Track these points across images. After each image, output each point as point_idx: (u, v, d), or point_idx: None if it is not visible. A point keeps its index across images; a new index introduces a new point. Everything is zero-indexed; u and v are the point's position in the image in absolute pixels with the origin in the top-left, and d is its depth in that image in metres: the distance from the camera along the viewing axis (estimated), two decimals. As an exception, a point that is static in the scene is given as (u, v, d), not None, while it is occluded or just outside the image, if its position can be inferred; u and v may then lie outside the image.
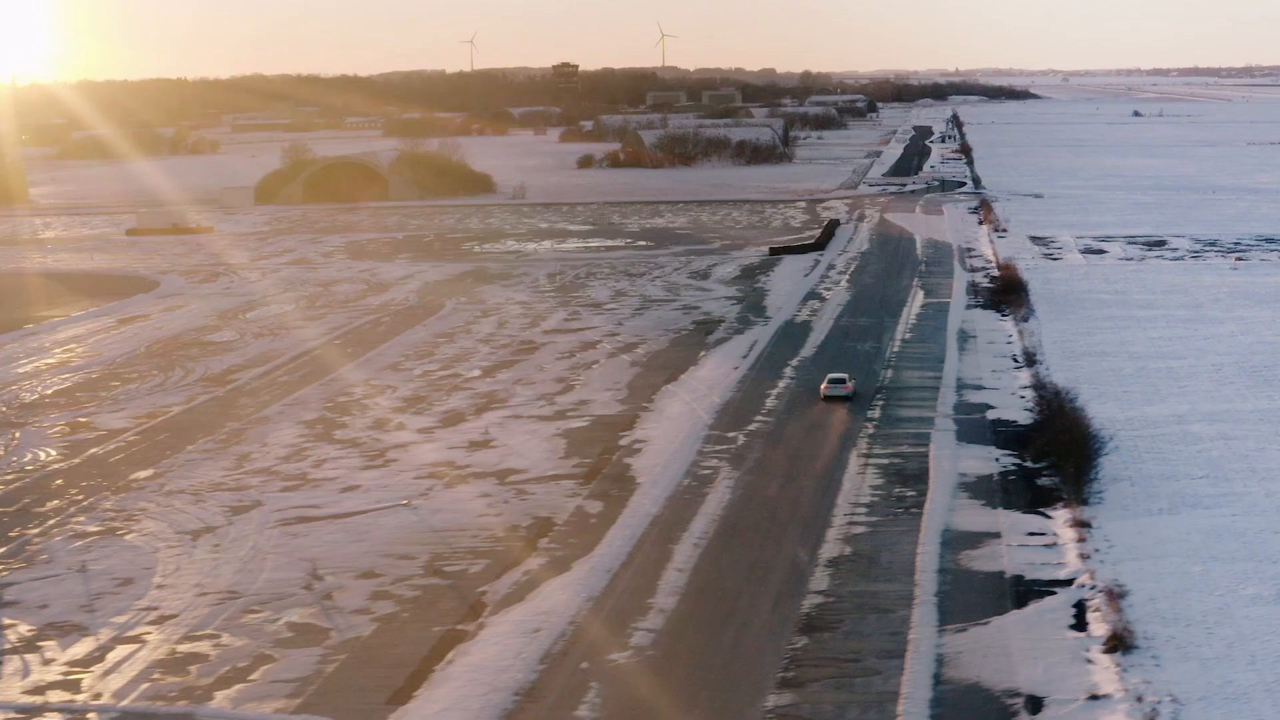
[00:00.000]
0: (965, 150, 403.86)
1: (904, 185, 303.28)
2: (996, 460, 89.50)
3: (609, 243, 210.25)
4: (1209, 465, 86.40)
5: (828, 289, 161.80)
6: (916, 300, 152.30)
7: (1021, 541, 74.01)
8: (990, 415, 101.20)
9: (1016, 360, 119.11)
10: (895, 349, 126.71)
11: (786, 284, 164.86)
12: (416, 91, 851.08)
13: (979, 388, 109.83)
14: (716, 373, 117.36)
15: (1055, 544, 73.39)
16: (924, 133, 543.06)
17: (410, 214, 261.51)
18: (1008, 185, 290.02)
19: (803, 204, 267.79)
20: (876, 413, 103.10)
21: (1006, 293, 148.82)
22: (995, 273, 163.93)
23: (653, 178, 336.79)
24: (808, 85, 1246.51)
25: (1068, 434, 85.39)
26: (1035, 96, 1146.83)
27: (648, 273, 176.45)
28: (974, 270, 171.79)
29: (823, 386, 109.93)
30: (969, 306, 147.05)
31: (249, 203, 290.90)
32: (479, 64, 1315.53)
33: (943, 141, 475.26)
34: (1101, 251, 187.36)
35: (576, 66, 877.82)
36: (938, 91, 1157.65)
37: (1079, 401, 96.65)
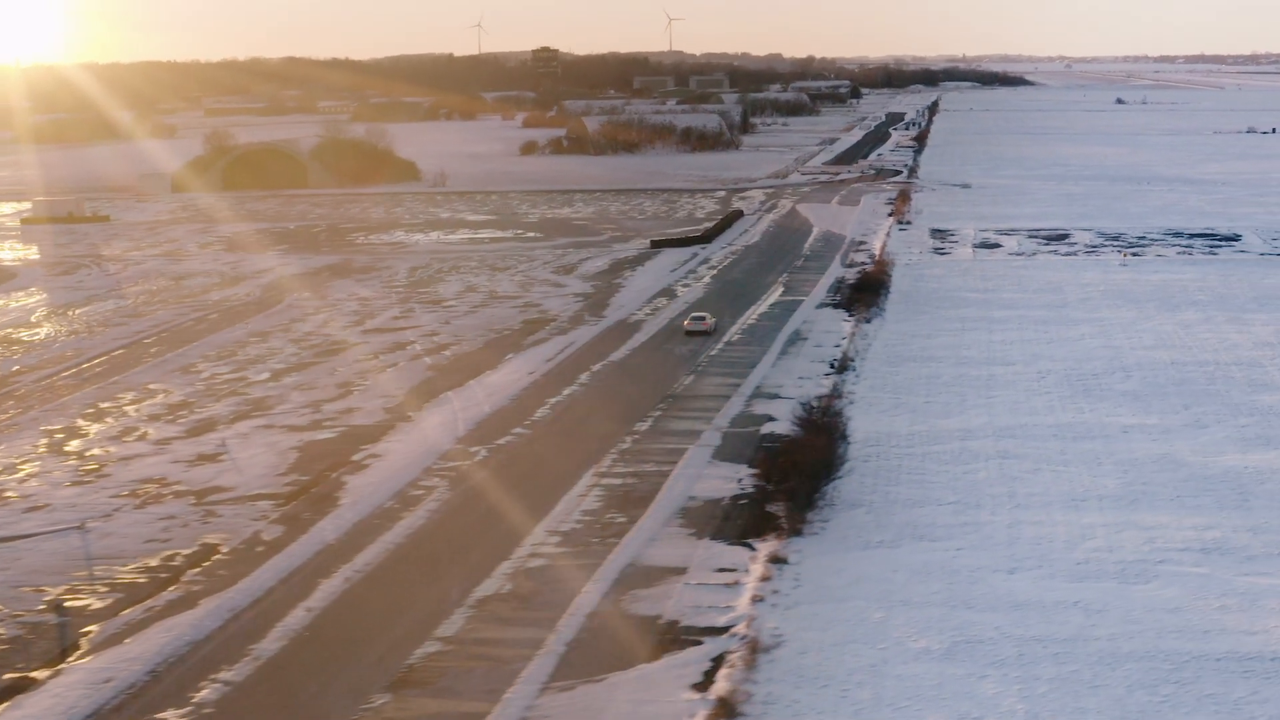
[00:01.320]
0: (921, 138, 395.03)
1: (838, 174, 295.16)
2: (739, 481, 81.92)
3: (498, 234, 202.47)
4: (966, 489, 78.73)
5: (686, 285, 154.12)
6: (770, 298, 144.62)
7: (703, 580, 66.39)
8: (765, 429, 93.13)
9: (833, 366, 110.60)
10: (714, 352, 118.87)
11: (646, 280, 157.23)
12: (407, 75, 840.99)
13: (774, 396, 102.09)
14: (509, 378, 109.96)
15: (736, 583, 65.45)
16: (894, 119, 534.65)
17: (318, 202, 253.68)
18: (944, 175, 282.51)
19: (723, 193, 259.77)
20: (647, 425, 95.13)
21: (865, 291, 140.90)
22: (868, 269, 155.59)
23: (589, 165, 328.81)
24: (803, 70, 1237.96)
25: (804, 454, 77.16)
26: (1028, 83, 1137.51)
27: (513, 267, 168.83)
28: (851, 265, 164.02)
29: (685, 323, 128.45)
30: (820, 305, 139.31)
31: (165, 190, 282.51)
32: (488, 48, 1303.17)
33: (906, 129, 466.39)
34: (997, 246, 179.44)
35: (556, 51, 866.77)
36: (929, 78, 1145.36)
37: (852, 412, 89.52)
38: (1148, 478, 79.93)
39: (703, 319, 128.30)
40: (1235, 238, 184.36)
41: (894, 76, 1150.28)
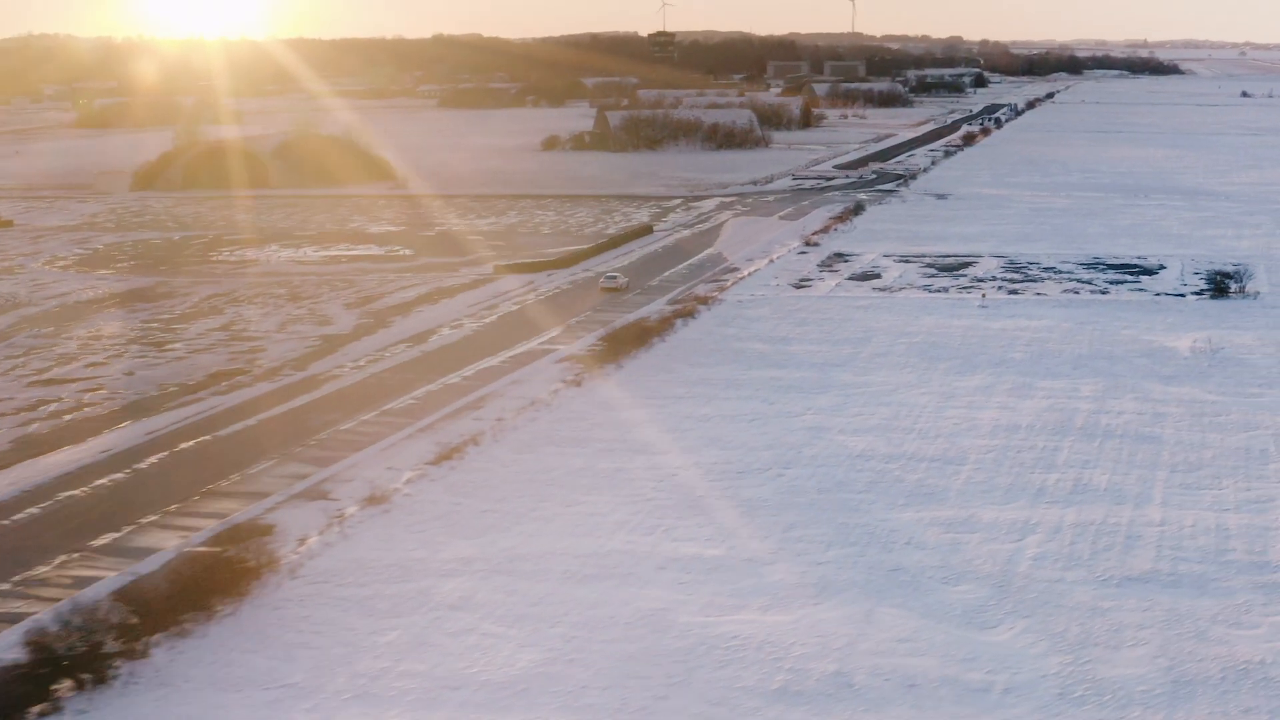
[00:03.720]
0: (969, 137, 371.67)
1: (832, 180, 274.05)
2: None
3: (373, 251, 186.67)
4: (366, 654, 59.44)
5: (457, 327, 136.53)
6: (522, 347, 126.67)
7: None
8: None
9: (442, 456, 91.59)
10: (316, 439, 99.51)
11: (426, 319, 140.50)
12: (551, 55, 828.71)
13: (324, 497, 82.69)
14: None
15: None
16: (991, 111, 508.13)
17: (251, 206, 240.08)
18: (945, 183, 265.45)
19: (679, 200, 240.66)
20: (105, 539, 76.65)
21: (627, 342, 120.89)
22: (679, 309, 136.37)
23: (591, 164, 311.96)
24: (951, 55, 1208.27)
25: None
26: (1177, 72, 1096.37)
27: (316, 296, 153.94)
28: (675, 303, 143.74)
29: (601, 281, 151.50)
30: (561, 360, 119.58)
31: (123, 189, 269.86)
32: (673, 27, 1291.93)
33: (981, 123, 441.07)
34: (876, 276, 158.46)
35: (673, 35, 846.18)
36: (1074, 65, 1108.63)
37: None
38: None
39: (615, 279, 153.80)
40: (1157, 270, 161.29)
41: (1037, 64, 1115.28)
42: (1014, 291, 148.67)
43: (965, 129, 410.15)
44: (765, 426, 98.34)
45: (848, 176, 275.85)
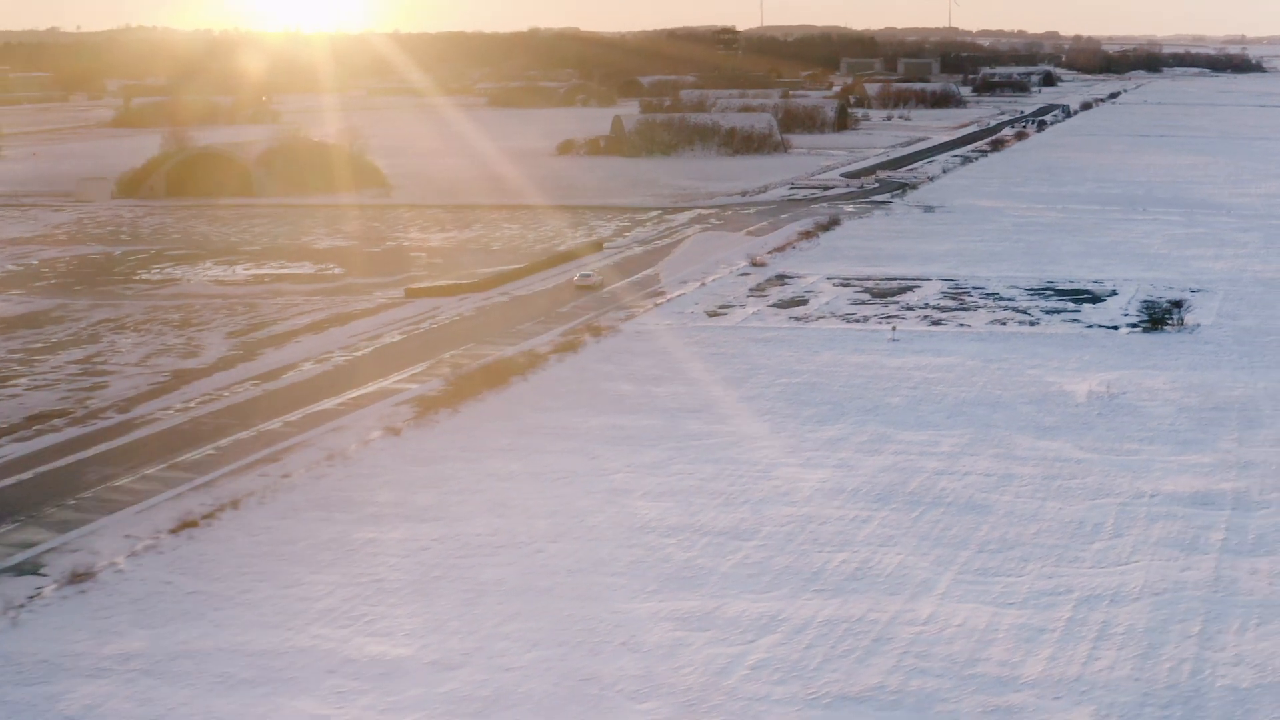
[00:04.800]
0: (998, 143, 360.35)
1: (830, 189, 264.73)
2: None
3: (304, 271, 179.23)
4: None
5: (319, 361, 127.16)
6: (362, 390, 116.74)
7: None
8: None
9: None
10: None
11: (284, 355, 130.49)
12: (640, 48, 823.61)
13: None
14: None
15: None
16: (1040, 114, 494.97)
17: (225, 217, 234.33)
18: (948, 193, 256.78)
19: (657, 211, 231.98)
20: None
21: (487, 382, 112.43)
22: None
23: (595, 170, 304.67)
24: (1032, 53, 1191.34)
25: None
26: (1260, 70, 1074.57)
27: (201, 325, 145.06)
28: (570, 334, 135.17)
29: (575, 278, 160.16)
30: (401, 403, 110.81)
31: (105, 196, 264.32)
32: (770, 21, 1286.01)
33: (1023, 127, 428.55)
34: (804, 303, 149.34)
35: (737, 32, 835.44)
36: (1152, 63, 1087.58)
37: None
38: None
39: (589, 275, 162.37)
40: (1105, 297, 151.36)
41: (1115, 62, 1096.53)
42: (937, 322, 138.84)
43: (1003, 133, 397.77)
44: (565, 489, 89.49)
45: (848, 186, 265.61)
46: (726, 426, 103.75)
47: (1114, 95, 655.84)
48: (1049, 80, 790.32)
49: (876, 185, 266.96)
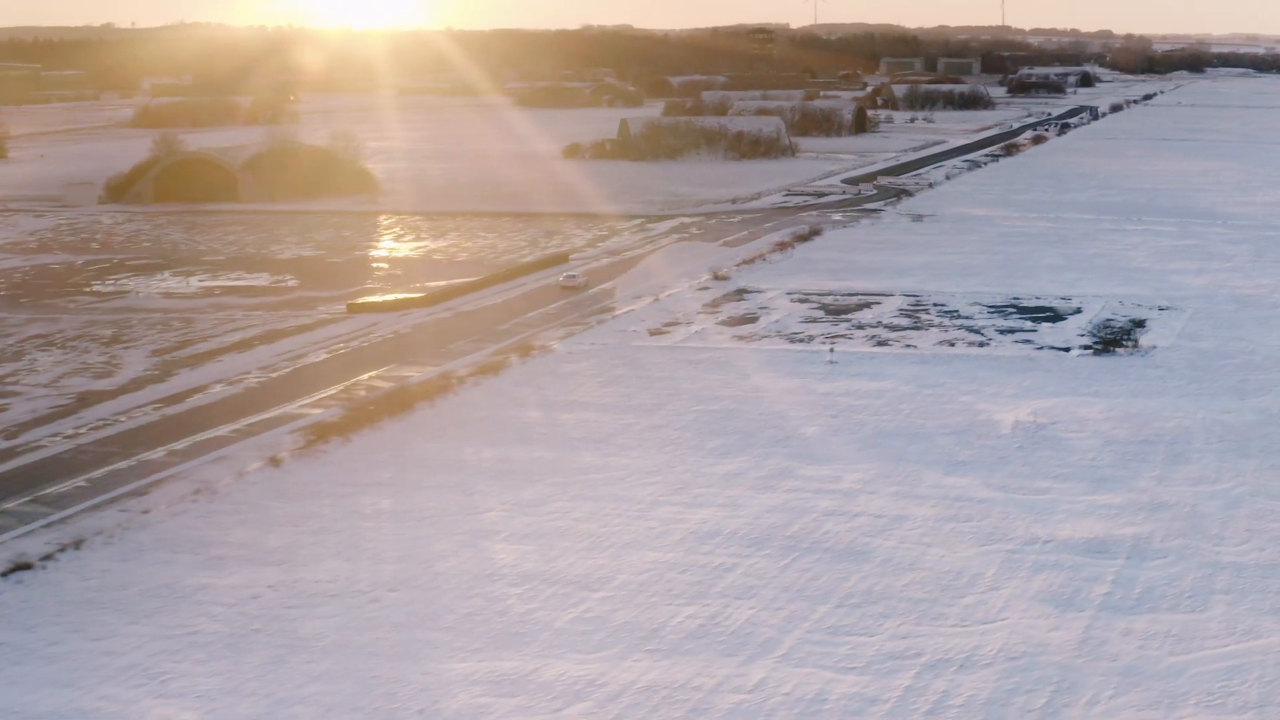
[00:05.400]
0: (1012, 147, 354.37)
1: (824, 196, 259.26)
2: None
3: (261, 283, 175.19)
4: None
5: (232, 383, 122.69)
6: (261, 415, 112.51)
7: None
8: None
9: None
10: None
11: (199, 376, 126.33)
12: (680, 47, 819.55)
13: None
14: None
15: None
16: (1068, 116, 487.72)
17: (202, 224, 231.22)
18: (944, 201, 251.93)
19: (640, 220, 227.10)
20: None
21: (390, 409, 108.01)
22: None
23: (595, 175, 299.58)
24: (1077, 53, 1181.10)
25: None
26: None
27: (130, 342, 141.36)
28: (499, 354, 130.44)
29: (561, 279, 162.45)
30: (294, 430, 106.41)
31: (92, 201, 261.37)
32: (824, 19, 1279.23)
33: (1045, 129, 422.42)
34: (755, 320, 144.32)
35: (771, 32, 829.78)
36: (1195, 63, 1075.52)
37: None
38: None
39: (575, 276, 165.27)
40: (1068, 315, 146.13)
41: (1158, 62, 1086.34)
42: (883, 343, 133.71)
43: (1022, 136, 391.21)
44: (426, 529, 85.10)
45: (844, 193, 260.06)
46: (622, 459, 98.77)
47: (1148, 97, 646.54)
48: (1086, 81, 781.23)
49: (874, 192, 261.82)
